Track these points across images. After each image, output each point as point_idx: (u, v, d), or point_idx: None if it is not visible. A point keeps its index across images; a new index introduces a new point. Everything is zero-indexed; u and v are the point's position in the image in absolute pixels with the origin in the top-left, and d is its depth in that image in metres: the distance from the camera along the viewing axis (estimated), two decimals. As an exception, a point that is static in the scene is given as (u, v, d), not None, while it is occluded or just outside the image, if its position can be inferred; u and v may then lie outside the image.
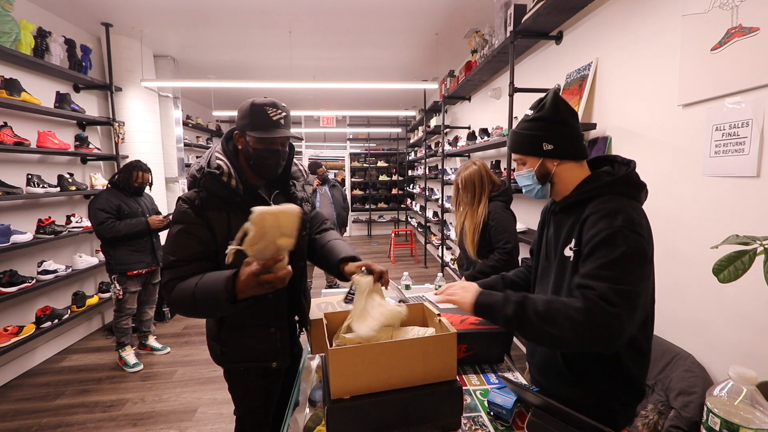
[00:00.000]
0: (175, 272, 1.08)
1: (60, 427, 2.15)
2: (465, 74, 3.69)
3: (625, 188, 0.91)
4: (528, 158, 0.99)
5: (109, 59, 3.55)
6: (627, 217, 0.83)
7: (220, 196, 1.12)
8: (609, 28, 1.94)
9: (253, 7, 3.13)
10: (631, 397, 0.94)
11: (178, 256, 1.08)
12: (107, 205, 2.56)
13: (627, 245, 0.81)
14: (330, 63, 4.67)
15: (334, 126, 7.90)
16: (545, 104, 0.95)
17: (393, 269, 5.65)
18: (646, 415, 1.37)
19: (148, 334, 3.04)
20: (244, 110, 1.13)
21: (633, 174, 0.92)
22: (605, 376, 0.92)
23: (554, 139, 0.94)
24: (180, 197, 1.14)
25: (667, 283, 1.60)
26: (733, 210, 1.31)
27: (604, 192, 0.90)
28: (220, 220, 1.12)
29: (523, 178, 1.01)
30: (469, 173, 1.83)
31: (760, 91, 1.20)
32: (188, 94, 6.11)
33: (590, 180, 0.95)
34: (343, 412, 0.82)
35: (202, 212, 1.11)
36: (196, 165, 1.18)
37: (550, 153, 0.94)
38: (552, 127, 0.94)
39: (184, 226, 1.10)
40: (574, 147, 0.96)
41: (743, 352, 1.29)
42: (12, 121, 2.64)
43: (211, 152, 1.18)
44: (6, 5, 2.48)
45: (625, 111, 1.82)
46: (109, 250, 2.61)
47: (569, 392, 0.97)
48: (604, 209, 0.86)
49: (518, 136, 0.99)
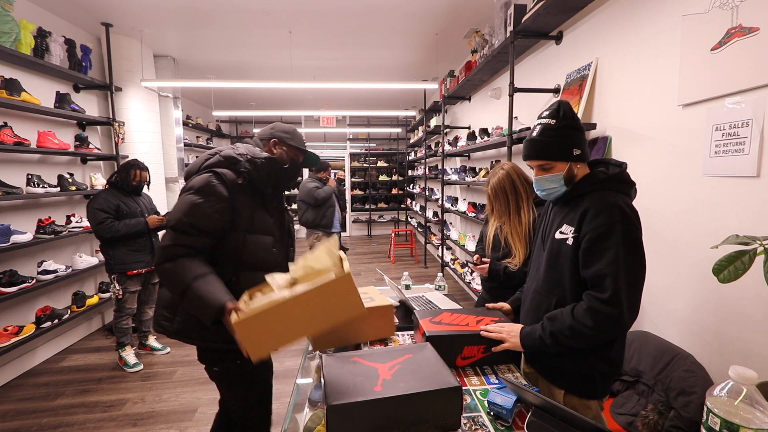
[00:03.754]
0: (185, 238, 1.11)
1: (60, 427, 2.15)
2: (465, 74, 3.69)
3: (617, 185, 1.05)
4: (557, 163, 1.08)
5: (109, 59, 3.55)
6: (621, 210, 0.98)
7: (257, 186, 1.24)
8: (609, 28, 1.94)
9: (253, 7, 3.13)
10: (610, 370, 1.08)
11: (193, 222, 1.12)
12: (106, 204, 2.56)
13: (623, 237, 0.96)
14: (330, 63, 4.67)
15: (334, 126, 7.89)
16: (565, 113, 1.06)
17: (393, 269, 5.65)
18: (646, 415, 1.37)
19: (148, 334, 3.04)
20: (285, 128, 1.35)
21: (625, 173, 1.08)
22: (589, 352, 1.06)
23: (580, 144, 1.07)
24: (216, 171, 1.18)
25: (667, 283, 1.60)
26: (733, 210, 1.31)
27: (600, 188, 1.05)
28: (244, 207, 1.21)
29: (548, 181, 1.10)
30: (498, 179, 1.59)
31: (760, 91, 1.20)
32: (188, 94, 6.11)
33: (588, 177, 1.08)
34: (343, 412, 0.82)
35: (233, 194, 1.19)
36: (232, 150, 1.25)
37: (578, 157, 1.07)
38: (576, 134, 1.07)
39: (212, 199, 1.15)
40: (588, 150, 1.11)
41: (743, 352, 1.29)
42: (12, 121, 2.64)
43: (249, 148, 1.28)
44: (6, 5, 2.48)
45: (625, 111, 1.82)
46: (108, 250, 2.61)
47: (556, 363, 1.12)
48: (601, 203, 1.00)
49: (545, 144, 1.07)
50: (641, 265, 0.99)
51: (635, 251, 0.98)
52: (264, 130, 1.37)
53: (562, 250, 1.07)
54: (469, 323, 1.26)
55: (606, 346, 1.06)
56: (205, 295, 1.05)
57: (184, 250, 1.11)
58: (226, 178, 1.18)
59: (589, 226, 1.00)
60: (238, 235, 1.20)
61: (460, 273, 4.36)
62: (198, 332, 1.21)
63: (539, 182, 1.12)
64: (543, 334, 1.07)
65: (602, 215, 0.98)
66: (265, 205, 1.29)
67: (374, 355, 1.05)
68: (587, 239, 1.00)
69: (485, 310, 1.41)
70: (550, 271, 1.13)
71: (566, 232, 1.06)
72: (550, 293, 1.12)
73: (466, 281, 4.06)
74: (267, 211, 1.29)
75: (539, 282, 1.17)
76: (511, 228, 1.58)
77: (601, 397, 1.12)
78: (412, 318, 1.44)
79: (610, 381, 1.12)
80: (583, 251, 1.01)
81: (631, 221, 0.98)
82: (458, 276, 4.55)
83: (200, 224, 1.13)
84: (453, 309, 1.49)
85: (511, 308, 1.38)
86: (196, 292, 1.05)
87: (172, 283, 1.11)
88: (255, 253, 1.22)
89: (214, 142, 7.34)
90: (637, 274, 0.98)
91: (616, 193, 1.03)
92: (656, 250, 1.64)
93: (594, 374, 1.07)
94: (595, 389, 1.09)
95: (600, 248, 0.98)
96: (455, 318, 1.31)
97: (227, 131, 8.29)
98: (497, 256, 1.64)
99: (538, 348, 1.09)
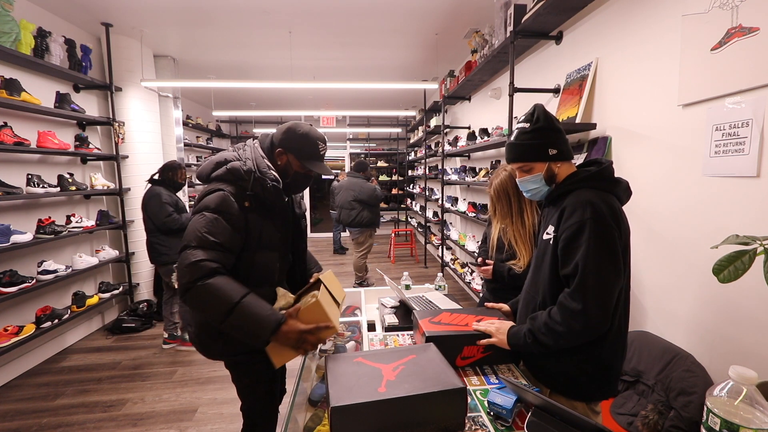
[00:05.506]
0: (215, 255, 1.09)
1: (60, 427, 2.15)
2: (465, 74, 3.69)
3: (598, 182, 1.05)
4: (535, 164, 1.11)
5: (109, 59, 3.55)
6: (595, 208, 0.98)
7: (264, 201, 1.21)
8: (609, 28, 1.94)
9: (253, 7, 3.13)
10: (598, 372, 1.07)
11: (219, 240, 1.11)
12: (170, 200, 2.83)
13: (592, 235, 0.97)
14: (330, 63, 4.67)
15: (334, 126, 7.89)
16: (538, 116, 1.09)
17: (393, 269, 5.65)
18: (646, 415, 1.37)
19: (178, 326, 3.13)
20: (298, 136, 1.24)
21: (606, 170, 1.07)
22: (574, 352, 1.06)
23: (556, 144, 1.08)
24: (222, 189, 1.17)
25: (667, 283, 1.60)
26: (733, 210, 1.31)
27: (581, 185, 1.06)
28: (255, 226, 1.20)
29: (530, 182, 1.13)
30: (500, 181, 1.57)
31: (760, 91, 1.20)
32: (188, 94, 6.12)
33: (572, 176, 1.10)
34: (347, 413, 0.82)
35: (245, 213, 1.18)
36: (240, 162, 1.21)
37: (555, 156, 1.09)
38: (551, 134, 1.09)
39: (227, 215, 1.14)
40: (568, 149, 1.12)
41: (743, 352, 1.29)
42: (12, 121, 2.64)
43: (256, 156, 1.23)
44: (6, 5, 2.48)
45: (625, 111, 1.82)
46: (166, 241, 2.83)
47: (542, 361, 1.13)
48: (577, 201, 1.02)
49: (521, 146, 1.11)
50: (612, 261, 0.98)
51: (604, 248, 0.97)
52: (277, 133, 1.28)
53: (547, 250, 1.10)
54: (469, 323, 1.26)
55: (592, 346, 1.04)
56: (260, 311, 1.07)
57: (216, 265, 1.07)
58: (236, 195, 1.17)
59: (564, 225, 1.03)
60: (248, 253, 1.20)
61: (460, 273, 4.36)
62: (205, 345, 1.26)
63: (522, 183, 1.16)
64: (526, 333, 1.09)
65: (576, 213, 1.00)
66: (272, 220, 1.26)
67: (378, 355, 1.05)
68: (562, 238, 1.02)
69: (485, 309, 1.41)
70: (536, 270, 1.16)
71: (550, 232, 1.09)
72: (536, 293, 1.15)
73: (466, 281, 4.06)
74: (274, 225, 1.27)
75: (528, 282, 1.22)
76: (514, 230, 1.57)
77: (589, 399, 1.10)
78: (411, 318, 1.44)
79: (602, 384, 1.09)
80: (560, 250, 1.04)
81: (603, 219, 0.97)
82: (458, 276, 4.55)
83: (224, 240, 1.12)
84: (453, 309, 1.49)
85: (510, 310, 1.38)
86: (248, 308, 1.05)
87: (212, 303, 1.05)
88: (261, 270, 1.23)
89: (214, 142, 7.34)
90: (605, 271, 0.97)
91: (595, 191, 1.03)
92: (656, 250, 1.64)
93: (578, 375, 1.07)
94: (580, 390, 1.09)
95: (572, 247, 1.00)
96: (455, 318, 1.31)
97: (227, 131, 8.29)
98: (501, 257, 1.64)
99: (522, 347, 1.11)
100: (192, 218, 1.16)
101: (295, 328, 1.08)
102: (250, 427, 1.40)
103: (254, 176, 1.18)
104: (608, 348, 1.06)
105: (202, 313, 1.13)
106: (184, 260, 1.07)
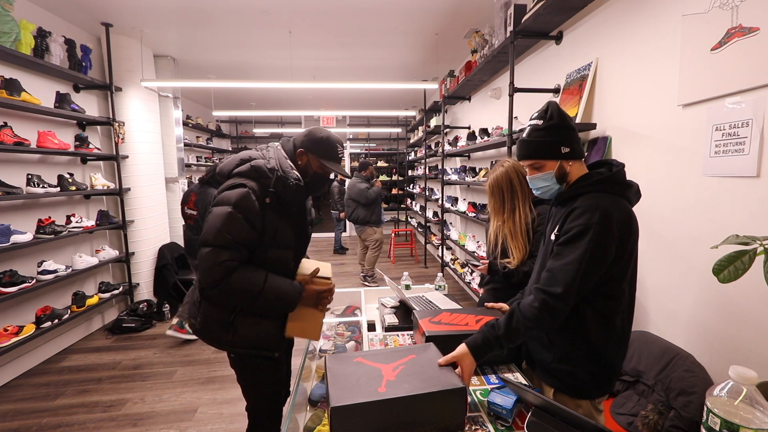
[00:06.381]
0: (233, 254, 1.16)
1: (60, 427, 2.15)
2: (465, 74, 3.69)
3: (611, 186, 1.04)
4: (546, 162, 1.09)
5: (109, 59, 3.54)
6: (603, 215, 0.97)
7: (283, 200, 1.26)
8: (609, 28, 1.94)
9: (253, 7, 3.13)
10: (601, 371, 1.07)
11: (236, 238, 1.16)
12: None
13: (595, 243, 0.96)
14: (330, 63, 4.67)
15: (334, 126, 7.89)
16: (552, 113, 1.07)
17: (393, 269, 5.65)
18: (646, 415, 1.37)
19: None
20: (318, 138, 1.32)
21: (619, 174, 1.05)
22: (576, 348, 1.07)
23: (569, 142, 1.06)
24: (245, 184, 1.21)
25: (667, 283, 1.60)
26: (733, 210, 1.31)
27: (593, 189, 1.04)
28: (271, 224, 1.24)
29: (540, 180, 1.11)
30: (496, 177, 1.57)
31: (760, 91, 1.20)
32: (188, 94, 6.12)
33: (584, 177, 1.09)
34: (347, 413, 0.82)
35: (264, 210, 1.22)
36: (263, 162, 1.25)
37: (567, 155, 1.07)
38: (565, 132, 1.07)
39: (250, 214, 1.18)
40: (580, 147, 1.10)
41: (743, 352, 1.29)
42: (12, 121, 2.64)
43: (279, 156, 1.28)
44: (6, 5, 2.48)
45: (625, 111, 1.82)
46: None
47: (545, 356, 1.13)
48: (587, 204, 1.00)
49: (534, 143, 1.09)
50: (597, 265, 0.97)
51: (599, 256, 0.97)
52: (299, 136, 1.35)
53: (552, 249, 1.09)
54: (469, 323, 1.27)
55: (596, 344, 1.04)
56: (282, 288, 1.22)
57: (235, 264, 1.16)
58: (257, 193, 1.21)
59: (570, 224, 1.02)
60: (263, 250, 1.24)
61: (460, 273, 4.36)
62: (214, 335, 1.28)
63: (532, 181, 1.15)
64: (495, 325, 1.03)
65: (584, 215, 0.99)
66: (288, 219, 1.30)
67: (378, 355, 1.05)
68: (564, 235, 1.03)
69: (484, 309, 1.41)
70: (541, 270, 1.15)
71: (556, 232, 1.08)
72: None
73: (466, 281, 4.06)
74: (290, 224, 1.31)
75: (533, 281, 1.20)
76: (505, 226, 1.58)
77: (593, 397, 1.11)
78: (411, 318, 1.44)
79: (605, 382, 1.10)
80: (557, 245, 1.04)
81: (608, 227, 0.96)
82: (458, 276, 4.55)
83: (241, 238, 1.18)
84: (453, 309, 1.49)
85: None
86: (273, 291, 1.20)
87: (240, 295, 1.17)
88: (272, 267, 1.25)
89: (214, 142, 7.34)
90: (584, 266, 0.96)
91: (608, 195, 1.02)
92: (656, 250, 1.64)
93: (582, 373, 1.07)
94: (584, 389, 1.09)
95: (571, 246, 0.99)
96: (455, 318, 1.31)
97: (227, 131, 8.29)
98: (496, 254, 1.64)
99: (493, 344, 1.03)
100: (211, 210, 1.19)
101: (312, 291, 1.29)
102: (254, 427, 1.41)
103: (277, 174, 1.23)
104: (612, 347, 1.06)
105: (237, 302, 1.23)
106: (206, 260, 1.14)
